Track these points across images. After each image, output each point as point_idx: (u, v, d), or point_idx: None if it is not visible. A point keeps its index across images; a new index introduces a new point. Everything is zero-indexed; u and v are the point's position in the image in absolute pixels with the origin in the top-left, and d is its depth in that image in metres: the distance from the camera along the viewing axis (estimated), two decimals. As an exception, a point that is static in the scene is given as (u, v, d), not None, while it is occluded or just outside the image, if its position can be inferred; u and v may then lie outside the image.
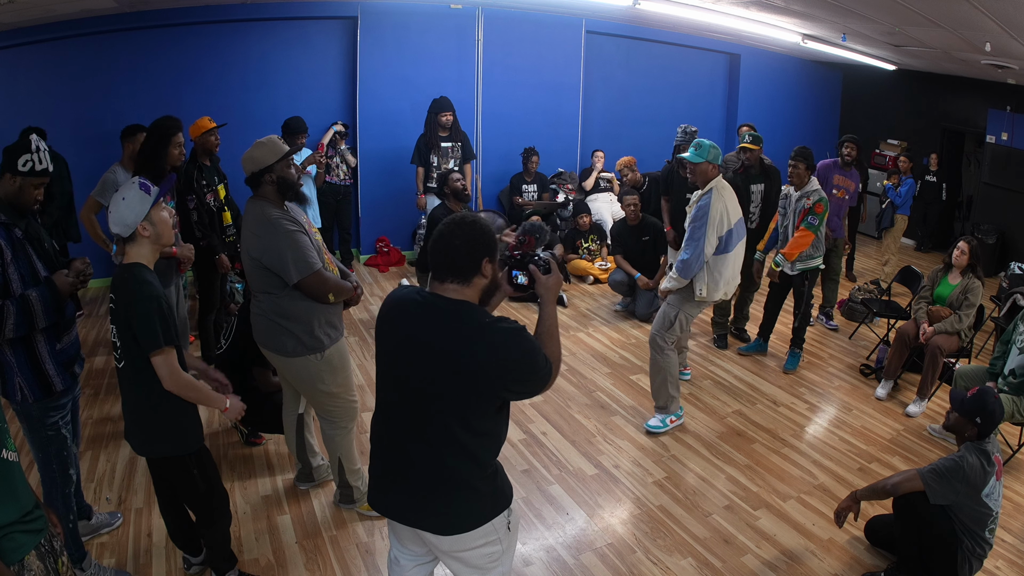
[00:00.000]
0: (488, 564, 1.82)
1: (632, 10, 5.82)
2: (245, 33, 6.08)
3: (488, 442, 1.76)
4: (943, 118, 8.13)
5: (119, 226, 2.13)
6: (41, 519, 1.61)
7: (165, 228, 2.20)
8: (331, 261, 2.80)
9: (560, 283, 1.93)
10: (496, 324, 1.69)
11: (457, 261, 1.70)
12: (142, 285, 2.11)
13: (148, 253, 2.19)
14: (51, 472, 2.42)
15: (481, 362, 1.65)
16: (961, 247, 4.23)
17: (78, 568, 2.49)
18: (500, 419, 1.79)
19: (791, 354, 4.74)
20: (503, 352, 1.65)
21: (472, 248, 1.69)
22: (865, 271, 7.13)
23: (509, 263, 1.89)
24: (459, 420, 1.69)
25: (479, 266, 1.71)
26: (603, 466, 3.52)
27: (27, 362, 2.24)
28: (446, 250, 1.70)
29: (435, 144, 5.90)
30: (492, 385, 1.68)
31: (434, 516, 1.76)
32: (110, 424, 3.72)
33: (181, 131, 3.35)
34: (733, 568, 2.81)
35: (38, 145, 2.23)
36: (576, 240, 6.44)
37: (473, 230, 1.71)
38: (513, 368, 1.67)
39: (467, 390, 1.67)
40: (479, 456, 1.74)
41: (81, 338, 4.78)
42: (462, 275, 1.71)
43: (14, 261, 2.15)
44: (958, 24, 4.52)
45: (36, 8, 4.60)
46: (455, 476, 1.73)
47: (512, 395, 1.76)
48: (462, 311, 1.70)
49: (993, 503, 2.55)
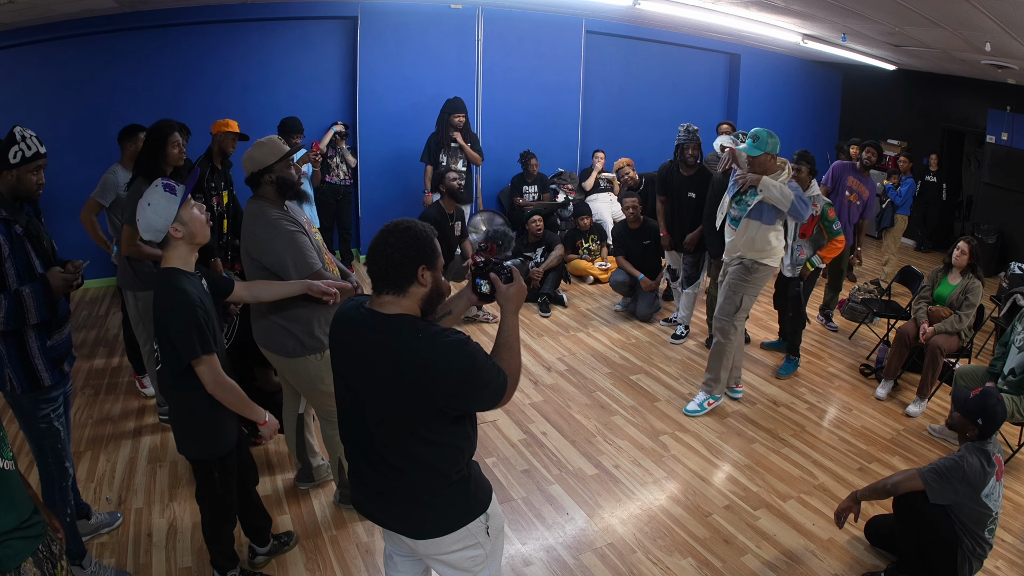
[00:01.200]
0: (473, 567, 1.80)
1: (632, 10, 5.82)
2: (245, 33, 6.09)
3: (448, 452, 1.70)
4: (943, 118, 8.13)
5: (150, 232, 2.11)
6: (38, 525, 1.61)
7: (198, 225, 2.18)
8: (331, 261, 2.80)
9: (522, 293, 1.82)
10: (433, 338, 1.61)
11: (391, 271, 1.63)
12: (177, 293, 2.09)
13: (184, 254, 2.17)
14: (47, 466, 2.44)
15: (417, 377, 1.59)
16: (961, 247, 4.23)
17: (77, 566, 2.50)
18: (458, 431, 1.71)
19: (787, 360, 4.70)
20: (440, 366, 1.58)
21: (405, 256, 1.62)
22: (865, 271, 7.13)
23: (472, 270, 1.85)
24: (408, 433, 1.65)
25: (414, 275, 1.63)
26: (603, 466, 3.52)
27: (16, 355, 2.25)
28: (379, 259, 1.63)
29: (445, 144, 5.91)
30: (432, 400, 1.61)
31: (403, 521, 1.75)
32: (110, 424, 3.72)
33: (178, 131, 3.33)
34: (733, 568, 2.81)
35: (23, 134, 2.22)
36: (576, 240, 6.44)
37: (406, 237, 1.63)
38: (453, 383, 1.60)
39: (409, 405, 1.62)
40: (438, 467, 1.69)
41: (81, 338, 4.84)
42: (397, 285, 1.64)
43: (11, 256, 2.16)
44: (958, 24, 4.52)
45: (36, 8, 4.60)
46: (415, 486, 1.70)
47: (458, 411, 1.67)
48: (398, 326, 1.62)
49: (993, 503, 2.55)
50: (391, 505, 1.75)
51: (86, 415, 3.82)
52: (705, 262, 5.20)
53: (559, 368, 4.64)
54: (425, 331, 1.62)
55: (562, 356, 4.83)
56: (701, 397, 4.07)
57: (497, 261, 1.86)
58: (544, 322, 5.45)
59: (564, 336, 5.18)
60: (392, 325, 1.63)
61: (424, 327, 1.63)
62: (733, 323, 3.87)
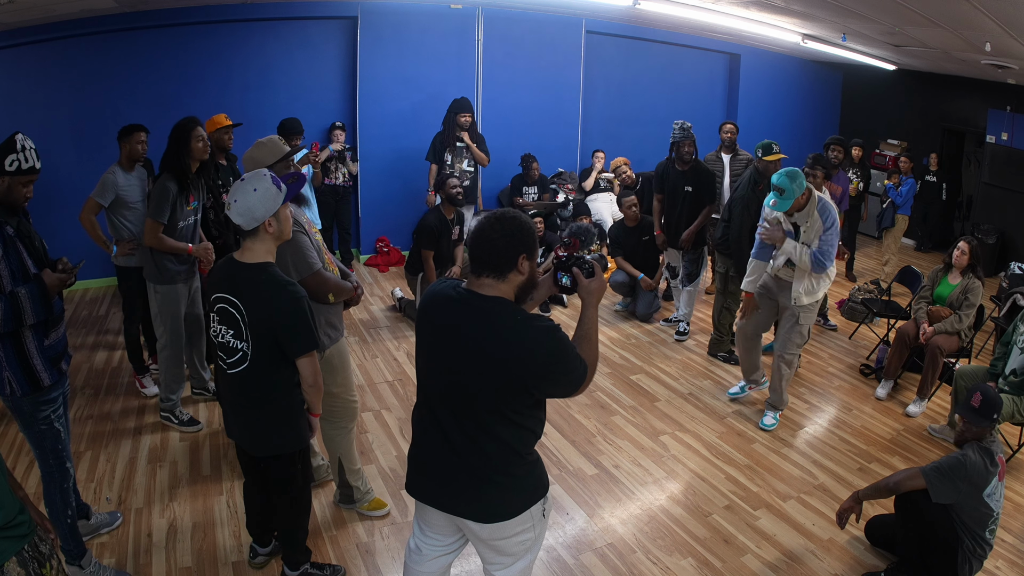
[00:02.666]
0: (520, 551, 1.86)
1: (632, 10, 5.82)
2: (245, 33, 6.08)
3: (524, 434, 1.78)
4: (943, 118, 8.13)
5: (245, 217, 2.09)
6: (24, 525, 1.62)
7: (287, 224, 2.21)
8: (331, 261, 2.80)
9: (603, 288, 1.90)
10: (528, 321, 1.70)
11: (494, 256, 1.70)
12: (288, 286, 2.12)
13: (272, 248, 2.19)
14: (48, 467, 2.43)
15: (509, 358, 1.66)
16: (961, 247, 4.23)
17: (77, 566, 2.49)
18: (537, 413, 1.80)
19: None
20: (531, 349, 1.66)
21: (510, 244, 1.69)
22: (865, 271, 7.14)
23: (554, 264, 1.92)
24: (494, 412, 1.72)
25: (515, 262, 1.71)
26: (603, 466, 3.52)
27: (15, 356, 2.25)
28: (484, 244, 1.71)
29: (451, 143, 5.92)
30: (521, 381, 1.68)
31: (475, 504, 1.80)
32: (110, 424, 3.72)
33: (200, 125, 3.42)
34: (733, 568, 2.81)
35: (23, 144, 2.22)
36: (576, 240, 6.43)
37: (512, 226, 1.70)
38: (541, 366, 1.68)
39: (498, 384, 1.69)
40: (516, 448, 1.77)
41: (81, 338, 4.83)
42: (498, 270, 1.71)
43: (5, 258, 2.16)
44: (958, 24, 4.52)
45: (36, 8, 4.60)
46: (494, 466, 1.76)
47: (542, 393, 1.75)
48: (495, 307, 1.71)
49: (994, 503, 2.55)
50: (463, 487, 1.79)
51: (86, 415, 3.81)
52: (704, 259, 5.20)
53: (559, 368, 4.63)
54: (522, 314, 1.71)
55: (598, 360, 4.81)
56: (771, 415, 3.98)
57: (579, 256, 1.91)
58: (544, 322, 5.44)
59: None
60: (492, 305, 1.71)
61: (520, 311, 1.73)
62: (797, 352, 3.87)
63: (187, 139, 3.33)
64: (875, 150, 8.51)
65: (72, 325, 5.08)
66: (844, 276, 6.85)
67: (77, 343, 4.76)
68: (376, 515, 3.02)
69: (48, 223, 4.89)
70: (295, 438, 2.33)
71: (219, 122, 4.15)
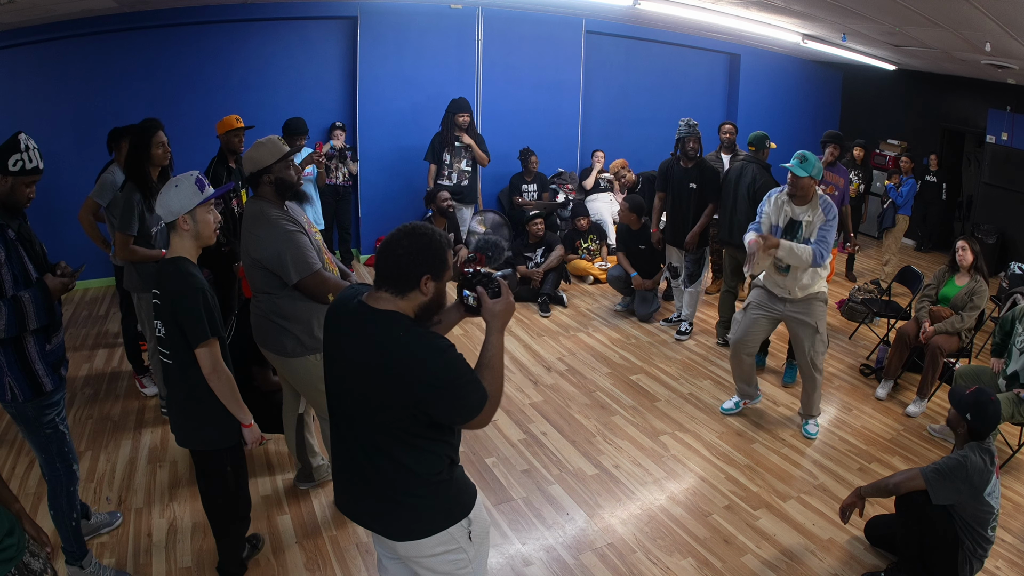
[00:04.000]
0: (456, 571, 1.76)
1: (632, 10, 5.82)
2: (245, 33, 6.09)
3: (424, 456, 1.66)
4: (943, 118, 8.13)
5: (163, 209, 2.21)
6: (12, 548, 1.59)
7: (206, 228, 2.26)
8: (331, 261, 2.80)
9: (510, 310, 1.74)
10: (416, 339, 1.58)
11: (395, 272, 1.60)
12: (187, 277, 2.17)
13: (190, 247, 2.25)
14: (55, 471, 2.42)
15: (392, 377, 1.56)
16: (962, 245, 4.23)
17: (77, 566, 2.50)
18: (437, 435, 1.66)
19: (789, 366, 4.60)
20: (419, 369, 1.55)
21: (414, 262, 1.59)
22: (865, 271, 7.13)
23: (459, 281, 1.77)
24: (385, 431, 1.63)
25: (417, 282, 1.60)
26: (603, 466, 3.52)
27: (17, 362, 2.24)
28: (388, 258, 1.61)
29: (449, 143, 5.92)
30: (405, 403, 1.57)
31: (383, 520, 1.72)
32: (110, 424, 3.72)
33: (162, 129, 3.29)
34: (733, 568, 2.81)
35: (27, 144, 2.22)
36: (575, 240, 6.44)
37: (421, 243, 1.60)
38: (427, 388, 1.56)
39: (383, 404, 1.60)
40: (416, 469, 1.65)
41: (81, 338, 4.83)
42: (397, 287, 1.61)
43: (7, 262, 2.15)
44: (958, 24, 4.52)
45: (36, 8, 4.60)
46: (393, 486, 1.67)
47: (430, 417, 1.61)
48: (385, 321, 1.60)
49: (994, 501, 2.55)
50: (369, 502, 1.73)
51: (86, 415, 3.81)
52: (707, 260, 5.20)
53: (559, 368, 4.64)
54: (411, 330, 1.60)
55: (562, 356, 4.83)
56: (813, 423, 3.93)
57: (486, 273, 1.77)
58: (544, 322, 5.45)
59: (564, 336, 5.18)
60: (381, 319, 1.61)
61: (410, 326, 1.61)
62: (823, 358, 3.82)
63: (147, 145, 3.21)
64: (875, 150, 8.51)
65: (72, 325, 5.08)
66: (844, 276, 6.85)
67: (77, 343, 4.76)
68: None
69: (48, 223, 4.91)
70: (219, 435, 2.33)
71: (230, 124, 4.10)
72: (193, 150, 4.91)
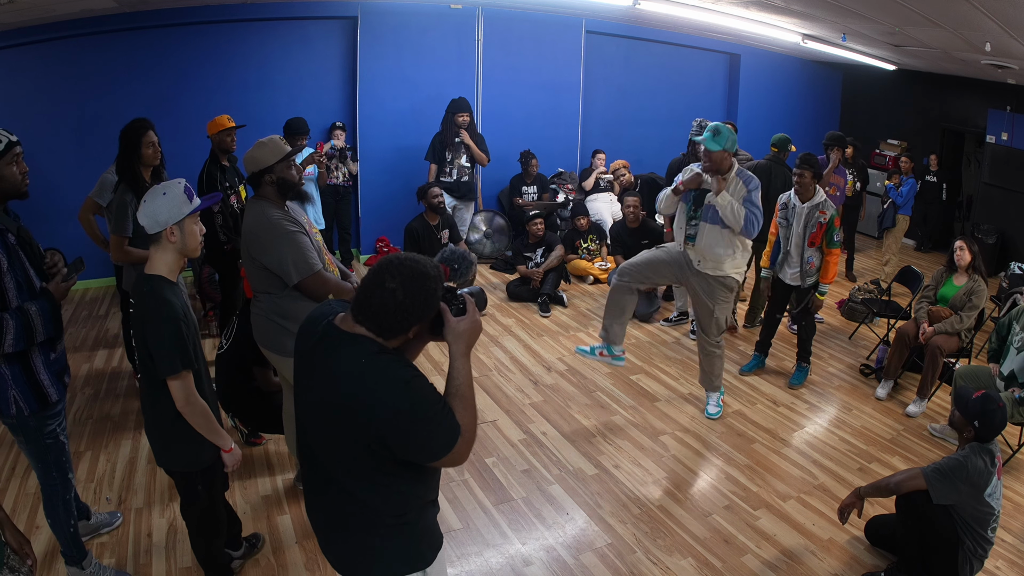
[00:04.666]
0: None
1: (632, 10, 5.82)
2: (245, 33, 6.08)
3: (385, 493, 1.50)
4: (943, 118, 8.13)
5: (149, 219, 2.04)
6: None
7: (192, 240, 2.12)
8: (331, 262, 2.80)
9: (476, 330, 1.53)
10: (379, 369, 1.40)
11: (382, 320, 1.43)
12: (160, 305, 2.01)
13: (172, 261, 2.10)
14: (51, 480, 2.39)
15: (348, 409, 1.41)
16: (959, 245, 4.24)
17: (77, 567, 2.49)
18: (401, 472, 1.48)
19: (798, 368, 4.56)
20: (372, 403, 1.38)
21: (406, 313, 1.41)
22: (865, 271, 7.13)
23: None
24: (342, 465, 1.49)
25: (407, 331, 1.45)
26: (603, 466, 3.52)
27: (22, 374, 2.17)
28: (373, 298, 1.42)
29: (450, 142, 5.93)
30: (358, 436, 1.42)
31: (336, 554, 1.61)
32: (110, 424, 3.72)
33: (152, 129, 3.26)
34: (733, 568, 2.81)
35: None
36: (575, 240, 6.45)
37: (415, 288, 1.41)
38: (387, 423, 1.39)
39: (339, 436, 1.45)
40: (371, 505, 1.50)
41: (81, 338, 4.83)
42: (381, 332, 1.44)
43: (10, 270, 2.07)
44: (958, 24, 4.52)
45: (36, 8, 4.60)
46: (349, 521, 1.54)
47: (392, 453, 1.43)
48: (350, 346, 1.44)
49: (995, 502, 2.55)
50: (327, 533, 1.60)
51: (86, 415, 3.81)
52: None
53: (559, 368, 4.64)
54: (373, 358, 1.42)
55: (562, 356, 4.83)
56: (713, 402, 4.03)
57: (449, 288, 1.57)
58: (544, 322, 5.45)
59: (564, 336, 5.18)
60: (346, 344, 1.45)
61: (375, 353, 1.43)
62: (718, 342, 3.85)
63: (137, 145, 3.17)
64: (875, 150, 8.51)
65: (72, 325, 5.08)
66: (844, 276, 6.85)
67: (77, 343, 4.76)
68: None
69: (48, 223, 4.90)
70: (190, 458, 2.21)
71: (221, 124, 4.11)
72: (192, 150, 4.90)
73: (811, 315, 4.43)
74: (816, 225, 4.15)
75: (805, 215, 4.18)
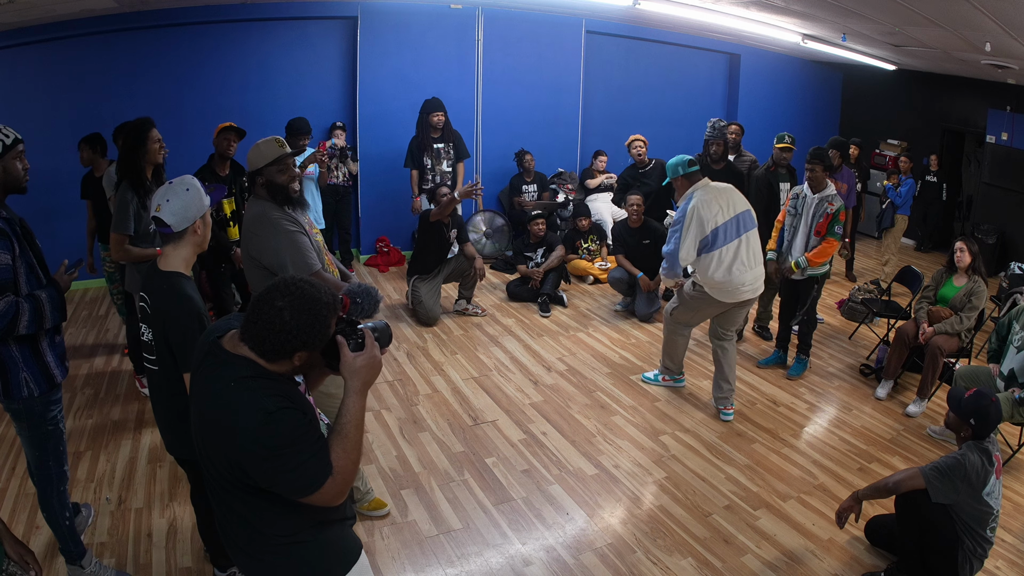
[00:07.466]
0: None
1: (632, 10, 5.82)
2: (245, 33, 6.09)
3: (270, 520, 1.45)
4: (943, 118, 8.13)
5: (178, 217, 2.03)
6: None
7: (208, 232, 2.16)
8: (331, 262, 2.80)
9: (374, 368, 1.46)
10: (245, 393, 1.36)
11: (267, 342, 1.38)
12: (184, 301, 2.03)
13: (189, 256, 2.11)
14: (47, 470, 2.41)
15: (214, 429, 1.40)
16: (959, 246, 4.24)
17: (77, 566, 2.49)
18: (283, 500, 1.42)
19: (797, 360, 4.64)
20: (232, 428, 1.35)
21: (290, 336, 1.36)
22: (865, 271, 7.13)
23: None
24: (222, 485, 1.45)
25: (291, 356, 1.40)
26: (603, 466, 3.52)
27: (32, 355, 2.25)
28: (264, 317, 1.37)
29: (427, 146, 5.92)
30: (220, 459, 1.39)
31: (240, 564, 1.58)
32: (110, 424, 3.72)
33: (155, 127, 3.28)
34: (733, 568, 2.81)
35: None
36: (576, 240, 6.45)
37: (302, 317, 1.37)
38: (243, 451, 1.35)
39: (215, 457, 1.42)
40: (256, 525, 1.46)
41: (81, 338, 4.83)
42: (265, 354, 1.40)
43: (22, 255, 2.17)
44: (958, 24, 4.52)
45: (36, 8, 4.60)
46: (240, 540, 1.51)
47: (249, 478, 1.40)
48: (228, 366, 1.41)
49: (994, 502, 2.55)
50: (228, 548, 1.56)
51: (86, 415, 3.81)
52: None
53: (559, 368, 4.64)
54: (244, 382, 1.38)
55: (562, 356, 4.83)
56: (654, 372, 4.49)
57: (348, 321, 1.48)
58: (544, 322, 5.45)
59: (564, 336, 5.18)
60: (225, 363, 1.42)
61: (248, 376, 1.39)
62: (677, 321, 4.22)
63: (143, 141, 3.19)
64: (875, 150, 8.51)
65: (72, 325, 5.08)
66: (844, 276, 6.85)
67: (77, 343, 4.76)
68: (376, 515, 3.02)
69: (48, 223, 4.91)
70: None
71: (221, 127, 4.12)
72: (193, 150, 4.90)
73: (812, 310, 4.52)
74: (824, 215, 4.27)
75: (814, 205, 4.33)
